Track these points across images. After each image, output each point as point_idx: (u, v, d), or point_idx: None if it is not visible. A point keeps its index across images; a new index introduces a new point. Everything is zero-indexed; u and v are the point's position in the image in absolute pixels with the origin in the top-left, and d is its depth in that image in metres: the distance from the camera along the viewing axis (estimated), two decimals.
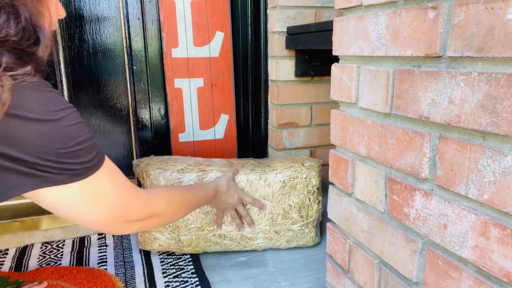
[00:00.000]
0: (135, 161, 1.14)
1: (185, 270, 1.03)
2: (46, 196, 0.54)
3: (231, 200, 0.99)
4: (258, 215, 1.07)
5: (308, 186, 1.09)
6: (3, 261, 1.09)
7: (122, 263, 1.07)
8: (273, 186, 1.06)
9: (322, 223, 1.18)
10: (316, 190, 1.10)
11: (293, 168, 1.09)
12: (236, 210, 1.03)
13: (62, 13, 0.64)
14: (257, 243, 1.10)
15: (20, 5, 0.49)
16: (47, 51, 0.53)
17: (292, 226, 1.10)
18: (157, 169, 1.05)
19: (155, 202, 0.72)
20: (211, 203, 0.97)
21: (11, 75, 0.47)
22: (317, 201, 1.11)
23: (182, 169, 1.06)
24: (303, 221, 1.10)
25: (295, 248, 1.14)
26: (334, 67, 0.77)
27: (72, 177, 0.54)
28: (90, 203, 0.59)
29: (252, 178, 1.05)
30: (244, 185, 1.05)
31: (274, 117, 1.47)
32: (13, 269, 1.04)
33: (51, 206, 0.57)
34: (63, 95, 0.57)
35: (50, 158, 0.51)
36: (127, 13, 1.33)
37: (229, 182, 0.99)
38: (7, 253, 1.13)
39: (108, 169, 0.61)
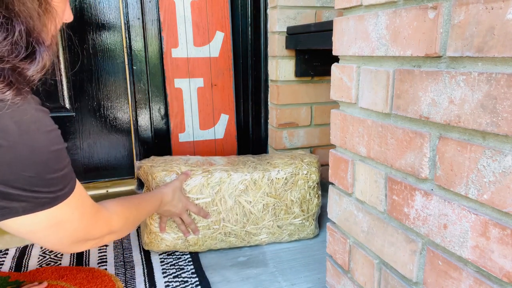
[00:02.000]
0: (137, 163, 1.14)
1: (185, 270, 1.03)
2: (9, 223, 0.50)
3: (174, 209, 1.00)
4: (262, 211, 1.09)
5: (308, 182, 1.13)
6: (3, 261, 1.09)
7: (122, 263, 1.07)
8: (276, 183, 1.09)
9: (320, 216, 1.25)
10: (316, 185, 1.15)
11: (294, 165, 1.12)
12: (181, 218, 1.04)
13: (69, 17, 0.58)
14: (261, 238, 1.13)
15: (17, 17, 0.43)
16: (43, 71, 0.46)
17: (294, 220, 1.13)
18: (162, 171, 1.06)
19: (114, 221, 0.71)
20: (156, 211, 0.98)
21: None
22: (317, 196, 1.15)
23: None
24: (304, 215, 1.14)
25: (296, 240, 1.19)
26: (334, 67, 0.77)
27: (40, 206, 0.50)
28: (54, 229, 0.56)
29: (256, 176, 1.08)
30: (248, 183, 1.07)
31: (274, 117, 1.47)
32: (13, 269, 1.04)
33: (13, 231, 0.53)
34: (49, 115, 0.49)
35: (20, 186, 0.47)
36: (127, 13, 1.33)
37: (174, 192, 0.99)
38: (7, 253, 1.13)
39: (78, 193, 0.57)
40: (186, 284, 0.97)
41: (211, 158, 1.18)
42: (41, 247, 1.16)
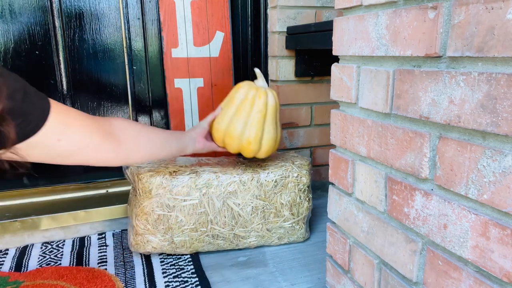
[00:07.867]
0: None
1: (185, 270, 1.03)
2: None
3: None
4: (251, 214, 1.08)
5: (299, 185, 1.11)
6: (3, 261, 1.09)
7: (122, 263, 1.07)
8: (265, 185, 1.08)
9: (311, 219, 1.25)
10: (307, 188, 1.13)
11: (284, 167, 1.11)
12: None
13: None
14: (250, 241, 1.11)
15: None
16: None
17: (284, 223, 1.12)
18: (149, 172, 1.03)
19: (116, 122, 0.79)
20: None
21: None
22: (307, 199, 1.14)
23: (174, 171, 1.05)
24: (294, 218, 1.13)
25: (285, 244, 1.17)
26: (334, 67, 0.77)
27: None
28: None
29: (245, 178, 1.06)
30: (237, 185, 1.06)
31: None
32: (13, 269, 1.04)
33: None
34: None
35: None
36: (127, 13, 1.33)
37: (194, 146, 1.02)
38: (7, 253, 1.13)
39: None
40: (186, 284, 0.97)
41: (201, 159, 1.17)
42: (41, 247, 1.16)
